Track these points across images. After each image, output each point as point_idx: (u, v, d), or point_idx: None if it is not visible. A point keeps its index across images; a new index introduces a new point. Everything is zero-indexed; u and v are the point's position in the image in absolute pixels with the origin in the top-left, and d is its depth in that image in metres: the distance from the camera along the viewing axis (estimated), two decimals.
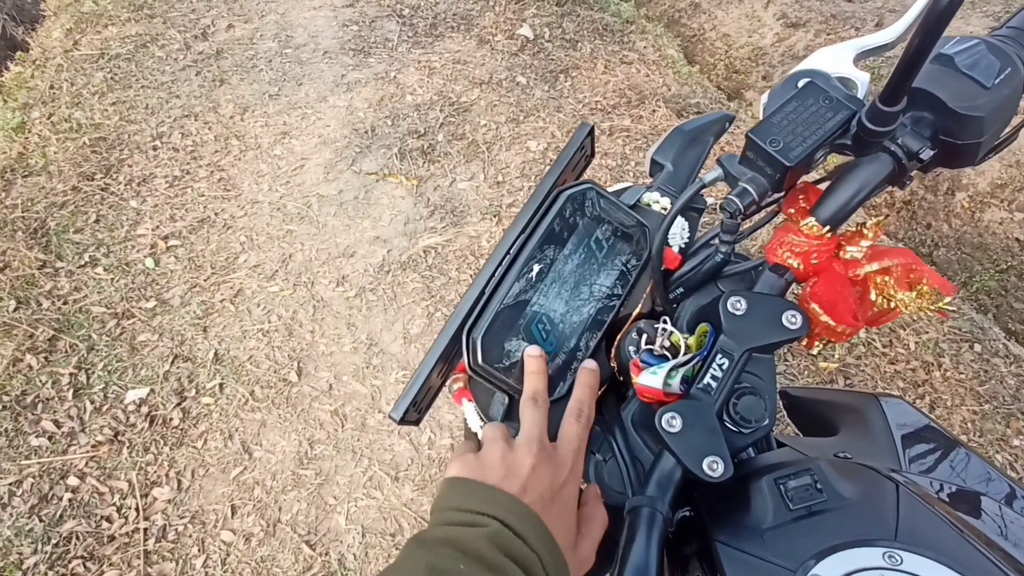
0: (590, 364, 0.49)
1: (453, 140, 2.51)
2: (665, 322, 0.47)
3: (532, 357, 0.47)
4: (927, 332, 1.89)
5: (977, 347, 1.87)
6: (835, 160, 0.47)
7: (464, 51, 2.99)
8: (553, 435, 0.46)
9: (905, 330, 1.89)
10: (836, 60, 0.48)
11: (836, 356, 1.82)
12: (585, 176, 0.59)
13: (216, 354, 1.80)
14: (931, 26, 0.32)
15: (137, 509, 1.50)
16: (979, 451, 1.59)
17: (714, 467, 0.42)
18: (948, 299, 0.45)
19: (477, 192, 2.30)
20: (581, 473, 0.46)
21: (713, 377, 0.44)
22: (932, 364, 1.81)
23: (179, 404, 1.69)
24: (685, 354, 0.46)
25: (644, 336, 0.48)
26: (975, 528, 0.42)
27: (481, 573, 0.35)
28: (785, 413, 0.78)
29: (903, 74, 0.36)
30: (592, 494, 0.47)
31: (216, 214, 2.22)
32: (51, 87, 2.76)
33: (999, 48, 0.42)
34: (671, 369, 0.44)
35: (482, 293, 0.48)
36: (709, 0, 3.85)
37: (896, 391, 1.75)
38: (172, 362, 1.78)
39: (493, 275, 0.49)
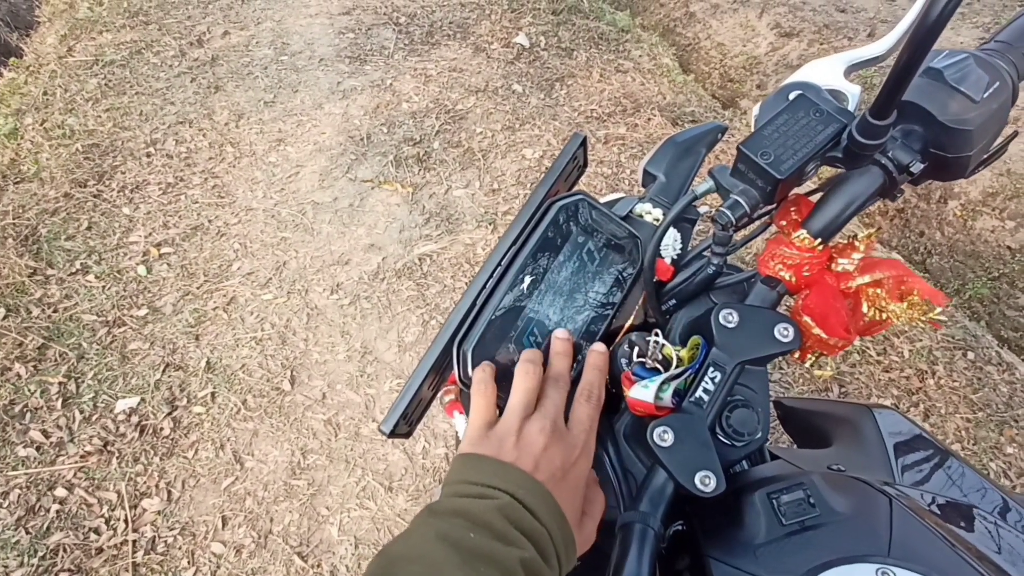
0: (599, 347, 0.49)
1: (449, 148, 2.51)
2: (657, 334, 0.47)
3: (559, 339, 0.48)
4: (921, 340, 1.89)
5: (970, 355, 1.87)
6: (828, 172, 0.47)
7: (460, 59, 3.00)
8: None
9: (899, 338, 1.90)
10: (827, 72, 0.48)
11: (829, 366, 1.82)
12: (579, 186, 0.59)
13: (208, 363, 1.79)
14: (920, 40, 0.32)
15: (126, 521, 1.48)
16: (972, 461, 1.59)
17: (707, 482, 0.42)
18: (939, 309, 0.45)
19: (473, 200, 2.30)
20: (592, 454, 0.46)
21: (705, 390, 0.44)
22: (926, 372, 1.81)
23: (170, 413, 1.67)
24: (677, 367, 0.46)
25: (636, 349, 0.47)
26: (967, 542, 0.41)
27: (490, 542, 0.36)
28: (780, 424, 0.78)
29: (893, 88, 0.36)
30: (590, 479, 0.48)
31: (210, 221, 2.21)
32: (44, 93, 2.75)
33: (987, 62, 0.42)
34: (663, 383, 0.44)
35: (473, 305, 0.48)
36: (704, 10, 3.88)
37: (890, 399, 1.75)
38: (163, 371, 1.77)
39: (484, 286, 0.48)
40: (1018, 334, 2.18)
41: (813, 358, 0.47)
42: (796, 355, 0.46)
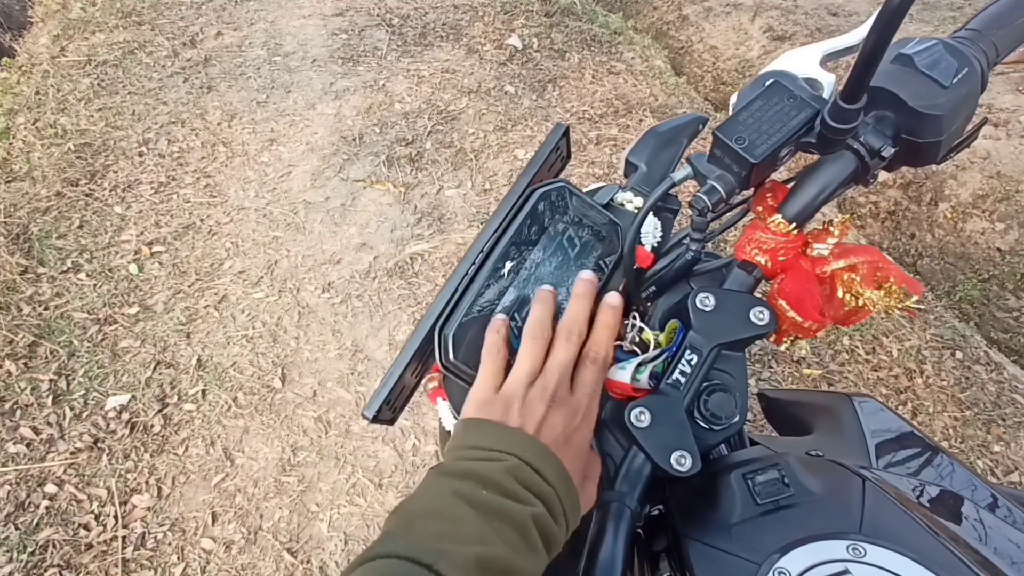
0: (613, 300, 0.47)
1: (441, 148, 2.51)
2: (635, 318, 0.48)
3: (583, 280, 0.47)
4: (909, 339, 1.91)
5: (959, 354, 1.88)
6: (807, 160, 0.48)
7: (453, 60, 3.01)
8: None
9: (888, 337, 1.91)
10: (803, 61, 0.49)
11: (803, 349, 1.82)
12: (563, 178, 0.59)
13: (199, 360, 1.78)
14: (885, 24, 0.33)
15: (116, 517, 1.47)
16: (960, 458, 1.60)
17: (682, 462, 0.42)
18: (915, 298, 0.45)
19: (464, 200, 2.30)
20: (595, 418, 0.45)
21: (682, 373, 0.45)
22: (914, 371, 1.83)
23: (161, 411, 1.67)
24: (654, 350, 0.46)
25: None
26: (938, 521, 0.42)
27: (502, 500, 0.37)
28: (764, 415, 0.79)
29: (862, 71, 0.36)
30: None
31: (202, 220, 2.21)
32: (37, 93, 2.74)
33: (957, 49, 0.43)
34: (639, 364, 0.44)
35: (455, 291, 0.48)
36: (697, 13, 3.91)
37: (879, 397, 1.76)
38: (154, 368, 1.76)
39: (467, 273, 0.49)
40: (1008, 335, 2.20)
41: (788, 341, 0.48)
42: (772, 338, 0.47)
